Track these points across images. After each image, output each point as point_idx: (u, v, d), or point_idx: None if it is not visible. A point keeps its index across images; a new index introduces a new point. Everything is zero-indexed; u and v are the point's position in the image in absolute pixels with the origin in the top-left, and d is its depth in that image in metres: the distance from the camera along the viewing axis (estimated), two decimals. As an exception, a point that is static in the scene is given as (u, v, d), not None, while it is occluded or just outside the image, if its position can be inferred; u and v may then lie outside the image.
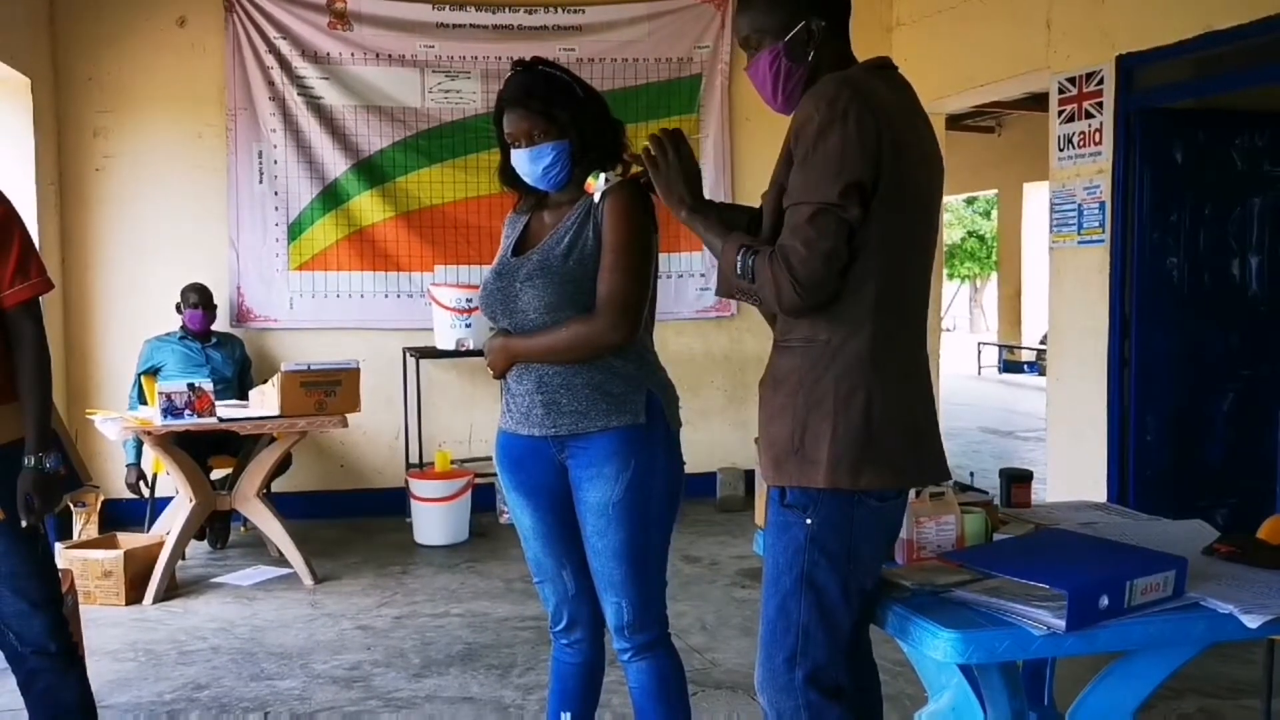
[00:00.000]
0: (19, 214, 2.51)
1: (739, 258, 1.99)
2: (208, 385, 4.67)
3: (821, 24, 2.03)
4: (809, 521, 1.98)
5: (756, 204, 2.19)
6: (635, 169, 2.35)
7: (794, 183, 1.93)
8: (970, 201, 24.83)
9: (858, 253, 1.93)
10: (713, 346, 6.60)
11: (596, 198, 2.34)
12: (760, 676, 2.07)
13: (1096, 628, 1.90)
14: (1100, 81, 4.86)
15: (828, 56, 2.04)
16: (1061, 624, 1.86)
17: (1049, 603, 1.91)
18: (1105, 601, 1.90)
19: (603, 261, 2.34)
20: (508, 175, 2.49)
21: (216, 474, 5.28)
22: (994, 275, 22.30)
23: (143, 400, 5.45)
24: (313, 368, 4.83)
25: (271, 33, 6.04)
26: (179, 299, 5.62)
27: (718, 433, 6.57)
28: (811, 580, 1.99)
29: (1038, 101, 6.43)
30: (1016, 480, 2.78)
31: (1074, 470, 5.11)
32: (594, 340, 2.33)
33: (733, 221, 2.34)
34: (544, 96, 2.35)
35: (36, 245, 2.62)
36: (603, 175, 2.34)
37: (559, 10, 6.33)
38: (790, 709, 2.02)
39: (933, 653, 1.93)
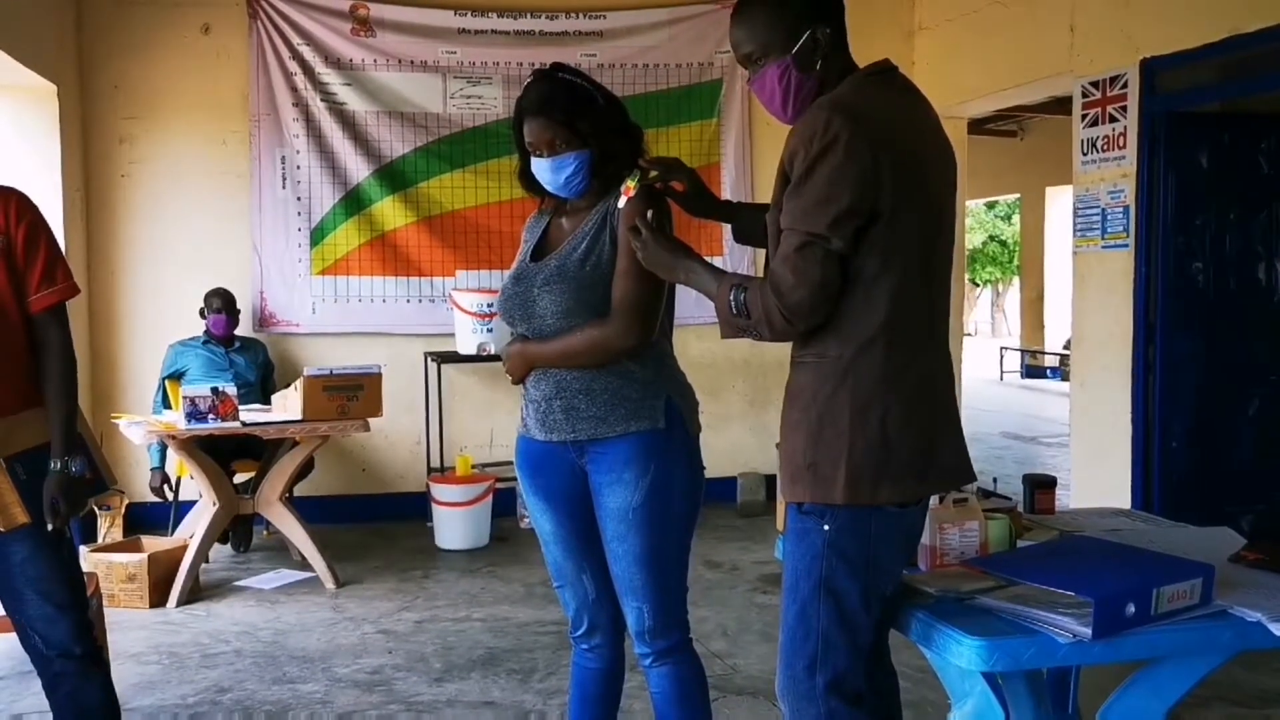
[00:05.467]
0: (45, 220, 2.54)
1: (731, 297, 2.00)
2: (231, 390, 4.70)
3: (827, 31, 2.01)
4: (826, 528, 1.97)
5: None
6: (653, 174, 2.36)
7: (787, 208, 1.94)
8: (992, 205, 24.72)
9: (862, 272, 1.92)
10: (734, 351, 6.57)
11: (622, 203, 2.34)
12: (781, 683, 2.06)
13: (1122, 635, 1.89)
14: (1124, 85, 4.82)
15: (835, 63, 2.03)
16: (1087, 631, 1.84)
17: (1074, 610, 1.89)
18: (1131, 609, 1.89)
19: (617, 266, 2.34)
20: (527, 179, 2.49)
21: (239, 478, 5.32)
22: (1016, 280, 22.20)
23: (167, 404, 5.47)
24: (335, 372, 4.86)
25: (295, 39, 6.08)
26: (203, 304, 5.66)
27: (738, 437, 6.57)
28: (830, 586, 1.97)
29: (1061, 105, 6.39)
30: (1040, 486, 2.76)
31: (1098, 476, 5.07)
32: (608, 344, 2.33)
33: (754, 219, 2.36)
34: (566, 107, 2.34)
35: (63, 251, 2.64)
36: (637, 176, 2.34)
37: (580, 16, 6.34)
38: (812, 716, 2.01)
39: (956, 660, 1.92)
